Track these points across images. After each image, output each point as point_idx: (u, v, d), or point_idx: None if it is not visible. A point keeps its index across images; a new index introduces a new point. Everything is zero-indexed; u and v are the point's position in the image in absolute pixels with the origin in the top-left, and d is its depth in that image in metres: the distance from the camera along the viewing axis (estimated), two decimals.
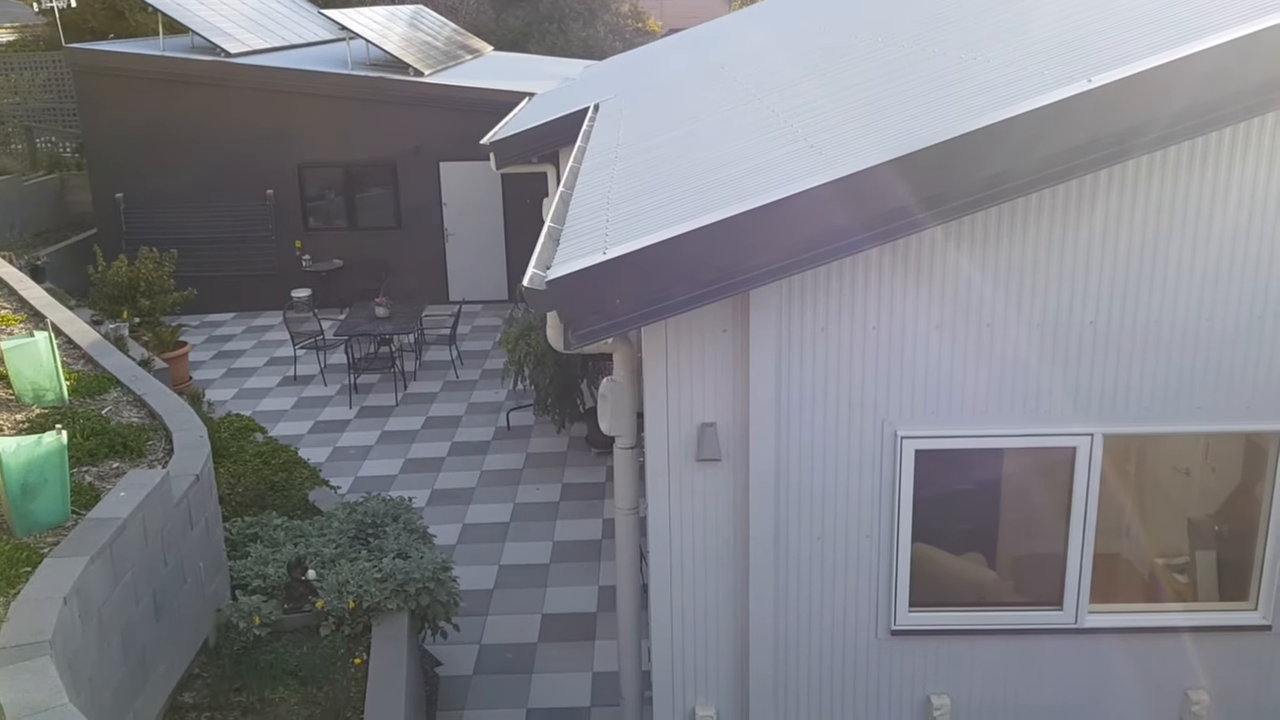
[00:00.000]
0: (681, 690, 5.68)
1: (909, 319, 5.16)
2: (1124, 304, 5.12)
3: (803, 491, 5.40)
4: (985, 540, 5.70)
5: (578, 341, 4.81)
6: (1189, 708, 5.60)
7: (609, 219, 5.49)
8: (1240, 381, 5.21)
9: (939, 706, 5.60)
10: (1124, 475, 5.63)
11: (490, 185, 17.95)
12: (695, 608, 5.56)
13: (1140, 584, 5.73)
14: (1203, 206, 5.00)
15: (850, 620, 5.57)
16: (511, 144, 11.94)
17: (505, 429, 13.41)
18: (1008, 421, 5.28)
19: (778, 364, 5.21)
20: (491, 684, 8.48)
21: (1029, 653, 5.60)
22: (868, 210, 4.56)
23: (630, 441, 5.69)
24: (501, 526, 10.99)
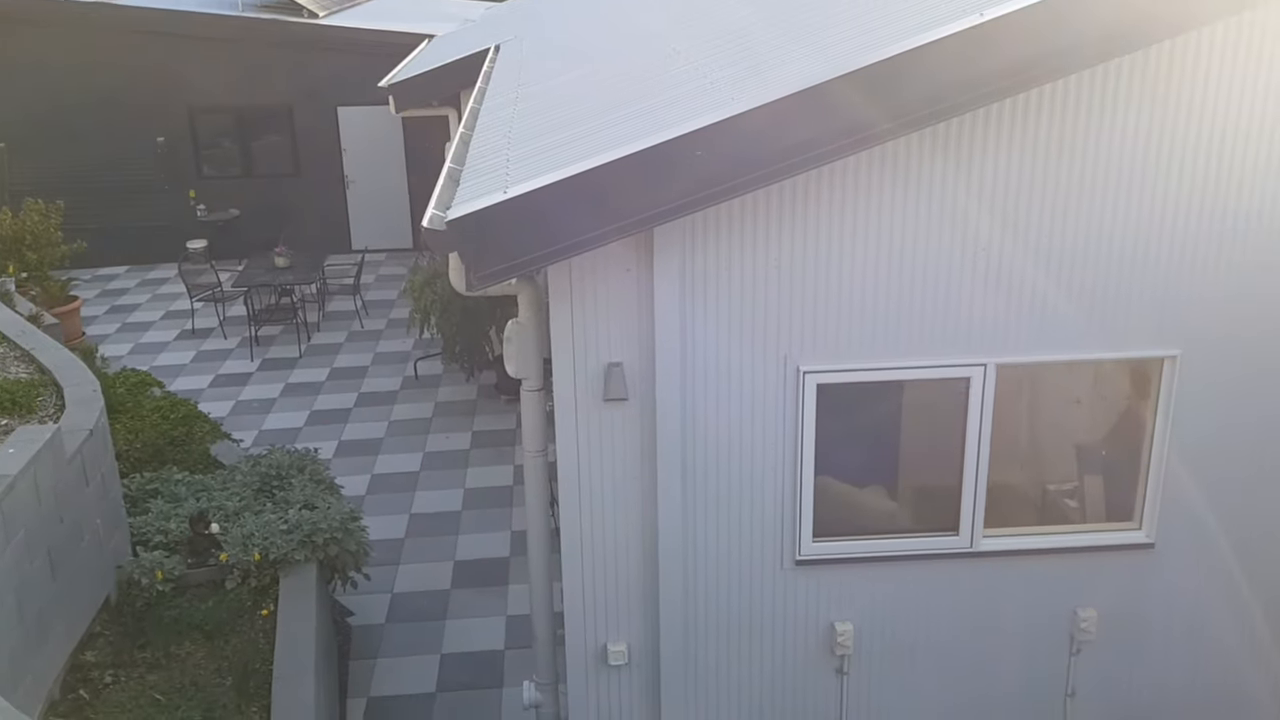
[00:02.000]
0: (593, 628, 5.74)
1: (809, 254, 5.22)
2: (1013, 235, 5.24)
3: (709, 428, 5.46)
4: (886, 471, 5.85)
5: (480, 283, 4.76)
6: (1078, 624, 5.86)
7: (510, 158, 5.41)
8: (1125, 310, 5.40)
9: (843, 633, 5.77)
10: (1018, 406, 5.81)
11: (392, 130, 17.57)
12: (605, 547, 5.61)
13: (1032, 508, 5.94)
14: (1088, 139, 5.13)
15: (756, 552, 5.68)
16: (411, 86, 11.67)
17: (413, 378, 13.27)
18: (905, 354, 5.40)
19: (682, 302, 5.23)
20: (405, 631, 8.48)
21: (927, 577, 5.79)
22: (767, 146, 4.58)
23: (537, 384, 5.67)
24: (411, 476, 10.92)
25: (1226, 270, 5.37)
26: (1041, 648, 5.95)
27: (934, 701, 6.00)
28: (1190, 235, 5.31)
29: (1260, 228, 5.32)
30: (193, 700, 6.33)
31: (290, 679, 6.40)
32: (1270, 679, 6.11)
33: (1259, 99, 5.15)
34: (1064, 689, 6.04)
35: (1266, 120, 5.18)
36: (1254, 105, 5.16)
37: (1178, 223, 5.29)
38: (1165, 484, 5.70)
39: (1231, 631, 6.00)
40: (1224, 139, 5.19)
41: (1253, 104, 5.16)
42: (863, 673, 5.93)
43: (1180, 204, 5.26)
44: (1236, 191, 5.26)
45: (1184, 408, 5.58)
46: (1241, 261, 5.36)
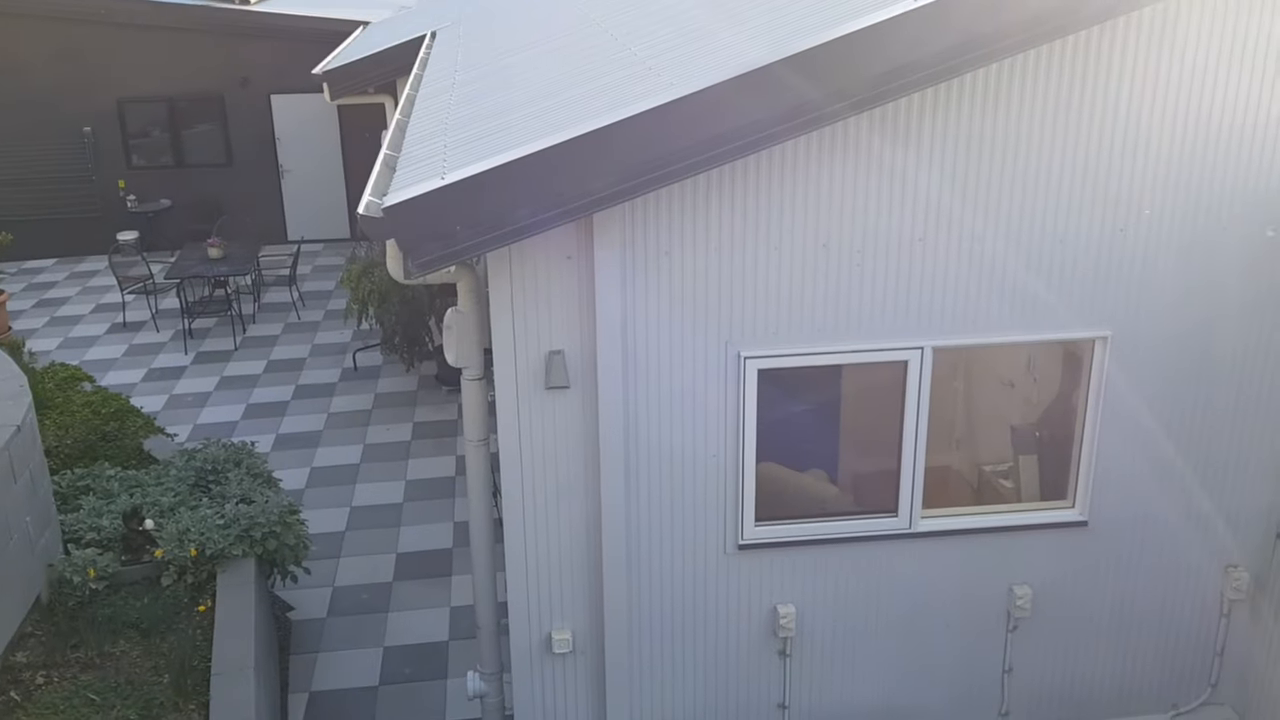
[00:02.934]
0: (537, 616, 5.73)
1: (748, 240, 5.24)
2: (948, 221, 5.32)
3: (651, 415, 5.47)
4: (827, 455, 5.90)
5: (418, 270, 4.71)
6: (1014, 601, 5.98)
7: (447, 144, 5.37)
8: (1057, 292, 5.51)
9: (785, 615, 5.82)
10: (954, 389, 5.90)
11: (327, 119, 17.31)
12: (548, 535, 5.60)
13: (969, 489, 6.05)
14: (1018, 124, 5.22)
15: (699, 537, 5.70)
16: (345, 73, 11.51)
17: (352, 370, 13.11)
18: (844, 338, 5.45)
19: (623, 289, 5.22)
20: (347, 625, 8.38)
21: (867, 559, 5.86)
22: (705, 130, 4.58)
23: (478, 373, 5.63)
24: (352, 468, 10.79)
25: (1155, 253, 5.50)
26: (979, 625, 6.06)
27: (875, 680, 6.09)
28: (1119, 220, 5.42)
29: (1184, 211, 5.45)
30: (129, 699, 6.20)
31: (229, 675, 6.30)
32: (1198, 656, 6.28)
33: (1182, 85, 5.26)
34: (1001, 665, 6.16)
35: (1189, 106, 5.30)
36: (1176, 92, 5.27)
37: (1107, 208, 5.40)
38: (1097, 463, 5.82)
39: (1160, 608, 6.16)
40: (1148, 127, 5.30)
41: (1175, 90, 5.27)
42: (805, 654, 5.99)
43: (1109, 190, 5.37)
44: (1163, 177, 5.38)
45: (1114, 387, 5.70)
46: (1169, 244, 5.49)
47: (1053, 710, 6.27)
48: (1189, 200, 5.44)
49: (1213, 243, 5.52)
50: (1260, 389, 5.82)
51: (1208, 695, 6.37)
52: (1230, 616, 6.21)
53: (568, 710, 5.91)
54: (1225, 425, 5.86)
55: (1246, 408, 5.84)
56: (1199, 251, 5.53)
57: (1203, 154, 5.37)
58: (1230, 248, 5.54)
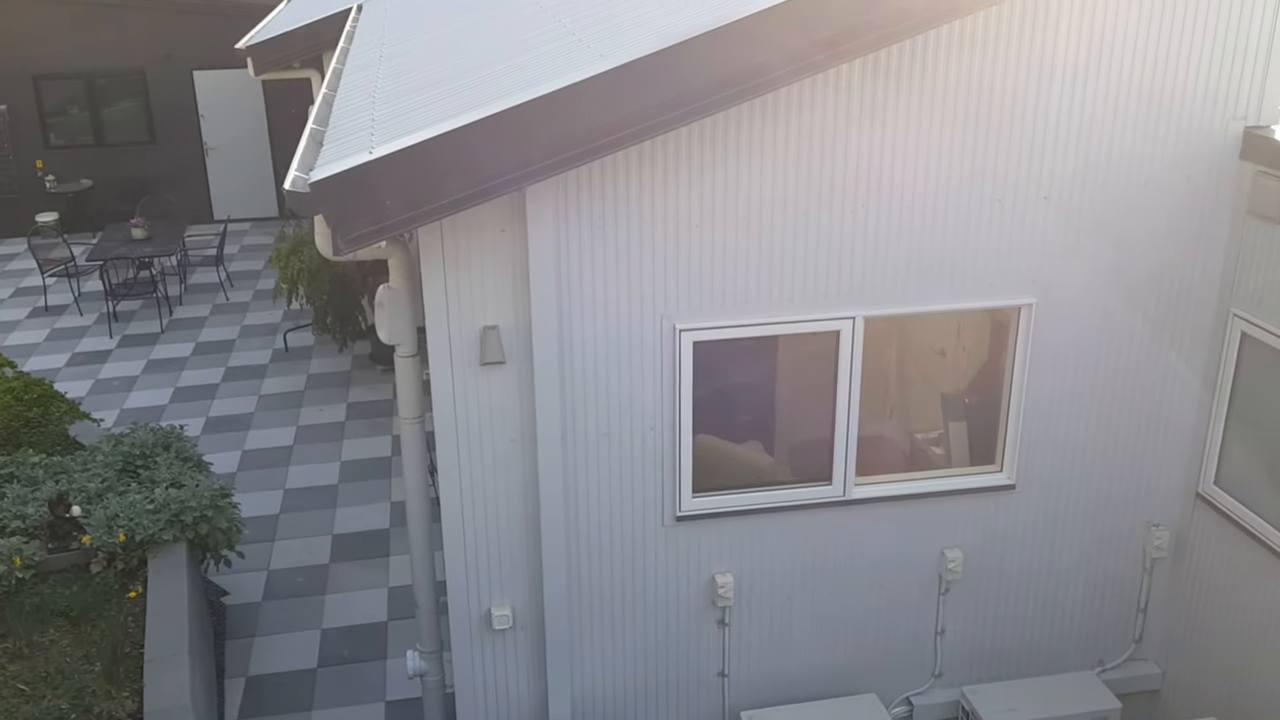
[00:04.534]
0: (476, 592, 5.72)
1: (682, 213, 5.25)
2: (878, 191, 5.38)
3: (588, 389, 5.47)
4: (763, 426, 5.95)
5: (347, 246, 4.64)
6: (946, 565, 6.10)
7: (375, 118, 5.29)
8: (984, 261, 5.60)
9: (723, 585, 5.88)
10: (887, 359, 5.99)
11: (252, 95, 16.97)
12: (486, 511, 5.58)
13: (902, 457, 6.15)
14: (946, 94, 5.28)
15: (637, 509, 5.73)
16: (270, 47, 11.27)
17: (283, 351, 12.92)
18: (777, 309, 5.49)
19: (558, 263, 5.20)
20: (283, 608, 8.30)
21: (803, 526, 5.94)
22: (638, 103, 4.57)
23: (411, 349, 5.58)
24: (285, 450, 10.65)
25: (1078, 221, 5.62)
26: (913, 589, 6.18)
27: (813, 645, 6.18)
28: (1042, 188, 5.52)
29: (1106, 180, 5.57)
30: (59, 689, 6.08)
31: (163, 661, 6.21)
32: (1123, 613, 6.48)
33: (1104, 50, 5.37)
34: (934, 627, 6.29)
35: (1108, 75, 5.41)
36: (1097, 59, 5.38)
37: (1031, 177, 5.50)
38: (1024, 427, 5.96)
39: (1086, 567, 6.34)
40: (1068, 96, 5.40)
41: (1097, 58, 5.37)
42: (744, 622, 6.06)
43: (1033, 160, 5.47)
44: (1084, 146, 5.49)
45: (1039, 354, 5.83)
46: (1091, 213, 5.61)
47: (984, 669, 6.43)
48: (1109, 171, 5.56)
49: (1131, 209, 5.65)
50: (1180, 352, 5.98)
51: (1132, 651, 6.57)
52: (1152, 574, 6.41)
53: (509, 685, 5.92)
54: (1146, 389, 6.02)
55: (1167, 371, 6.01)
56: (1118, 218, 5.66)
57: (1115, 120, 5.48)
58: (1149, 214, 5.68)
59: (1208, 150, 5.61)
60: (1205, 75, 5.48)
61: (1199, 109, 5.54)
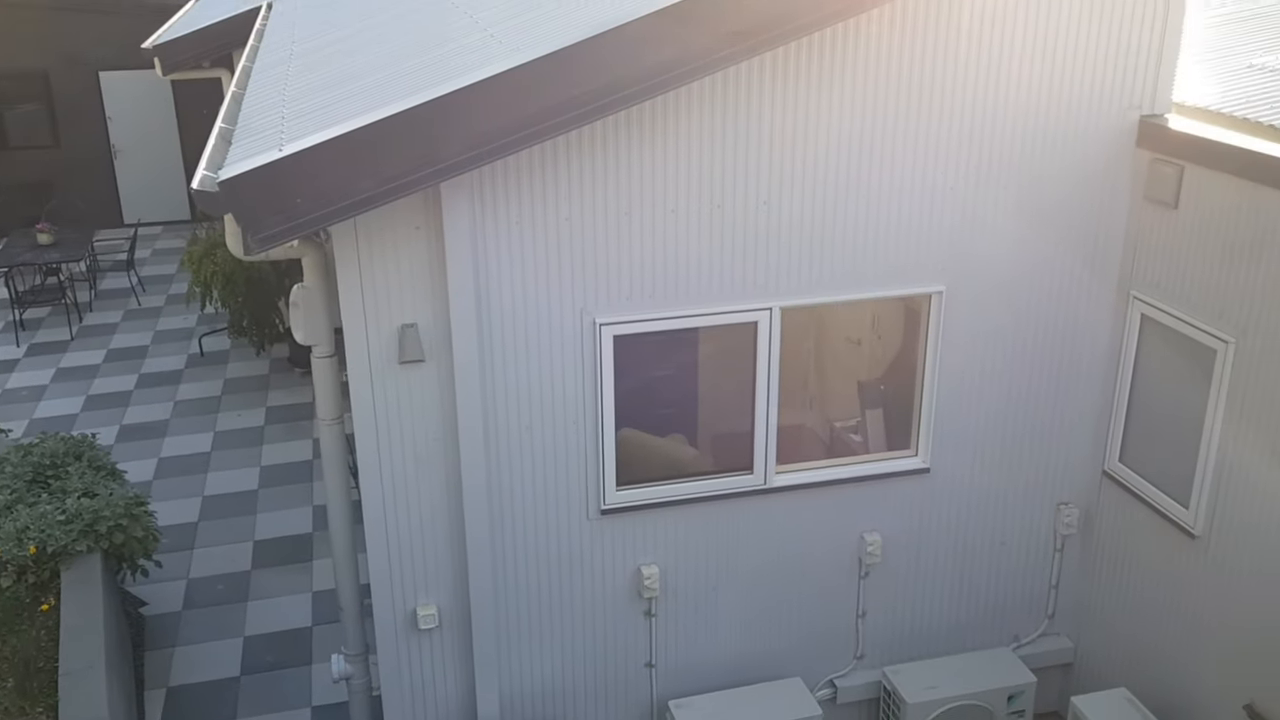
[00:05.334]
0: (401, 593, 5.68)
1: (599, 208, 5.28)
2: (790, 183, 5.46)
3: (509, 385, 5.47)
4: (684, 418, 6.01)
5: (258, 246, 4.58)
6: (865, 548, 6.22)
7: (285, 116, 5.22)
8: (895, 250, 5.72)
9: (649, 576, 5.92)
10: (804, 349, 6.08)
11: (161, 96, 16.57)
12: (408, 511, 5.55)
13: (822, 446, 6.25)
14: (853, 87, 5.38)
15: (562, 504, 5.74)
16: (178, 47, 11.04)
17: (199, 356, 12.66)
18: (695, 302, 5.55)
19: (475, 259, 5.19)
20: (204, 617, 8.15)
21: (726, 516, 6.01)
22: (551, 98, 4.58)
23: (328, 350, 5.53)
24: (202, 457, 10.45)
25: (983, 209, 5.76)
26: (834, 573, 6.29)
27: (737, 631, 6.26)
28: (947, 179, 5.66)
29: (1009, 169, 5.73)
30: None
31: (78, 675, 6.05)
32: (1036, 590, 6.67)
33: (1006, 41, 5.52)
34: (856, 610, 6.41)
35: (1009, 66, 5.56)
36: (999, 50, 5.53)
37: (937, 167, 5.63)
38: (937, 413, 6.10)
39: (999, 546, 6.51)
40: (970, 86, 5.54)
41: (999, 49, 5.52)
42: (670, 612, 6.11)
43: (939, 150, 5.60)
44: (987, 136, 5.64)
45: (949, 340, 5.98)
46: (995, 201, 5.77)
47: (905, 649, 6.57)
48: (1011, 156, 5.71)
49: (1034, 197, 5.82)
50: (1084, 335, 6.18)
51: (1045, 626, 6.77)
52: (1063, 551, 6.61)
53: (436, 685, 5.89)
54: (1054, 372, 6.21)
55: (1073, 354, 6.20)
56: (1022, 207, 5.82)
57: (1017, 110, 5.64)
58: (1051, 202, 5.85)
59: (1106, 139, 5.80)
60: (1103, 66, 5.67)
61: (1098, 99, 5.72)
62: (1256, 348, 5.28)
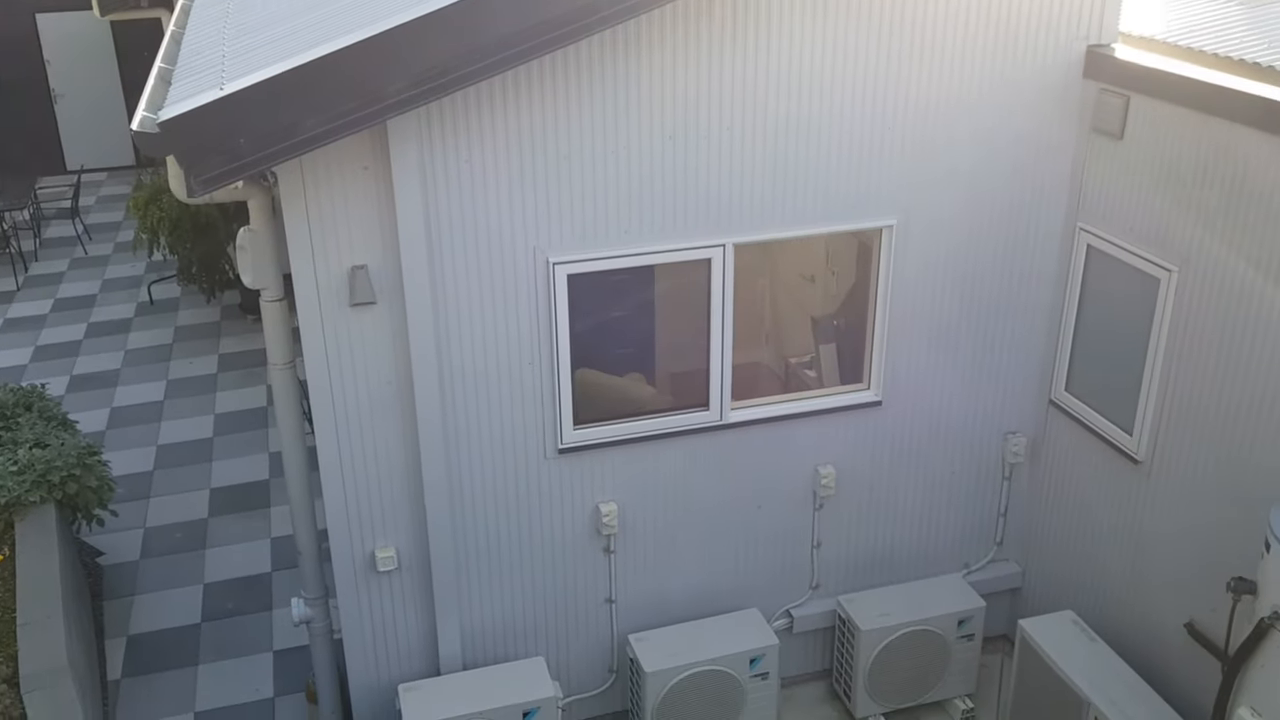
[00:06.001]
0: (359, 536, 5.70)
1: (549, 145, 5.23)
2: (740, 118, 5.43)
3: (463, 326, 5.45)
4: (641, 356, 6.03)
5: (201, 188, 4.50)
6: (820, 481, 6.31)
7: (225, 54, 5.11)
8: (845, 184, 5.73)
9: (607, 513, 5.98)
10: (759, 286, 6.11)
11: (101, 38, 16.10)
12: (364, 454, 5.54)
13: (777, 381, 6.31)
14: (802, 19, 5.34)
15: (519, 444, 5.76)
16: None
17: (149, 304, 12.48)
18: (648, 239, 5.54)
19: (424, 198, 5.14)
20: (161, 565, 8.13)
21: (683, 452, 6.06)
22: (499, 30, 4.51)
23: (277, 293, 5.47)
24: (155, 405, 10.34)
25: (933, 142, 5.78)
26: (789, 506, 6.39)
27: (696, 565, 6.35)
28: (899, 111, 5.66)
29: (959, 101, 5.74)
30: None
31: (37, 624, 6.03)
32: (985, 517, 6.82)
33: None
34: (811, 541, 6.52)
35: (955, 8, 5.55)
36: None
37: (887, 100, 5.62)
38: (889, 346, 6.16)
39: (950, 475, 6.63)
40: (920, 19, 5.52)
41: None
42: (629, 548, 6.18)
43: (889, 82, 5.59)
44: (937, 69, 5.64)
45: (901, 274, 6.02)
46: (945, 134, 5.79)
47: (858, 578, 6.71)
48: (960, 88, 5.72)
49: (983, 129, 5.84)
50: (1032, 267, 6.25)
51: (994, 553, 6.93)
52: (1011, 479, 6.75)
53: (397, 626, 5.94)
54: (1003, 304, 6.29)
55: (1022, 286, 6.28)
56: (971, 139, 5.84)
57: (966, 42, 5.64)
58: (1000, 134, 5.88)
59: (1054, 70, 5.82)
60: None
61: (1045, 30, 5.73)
62: (1198, 275, 5.37)
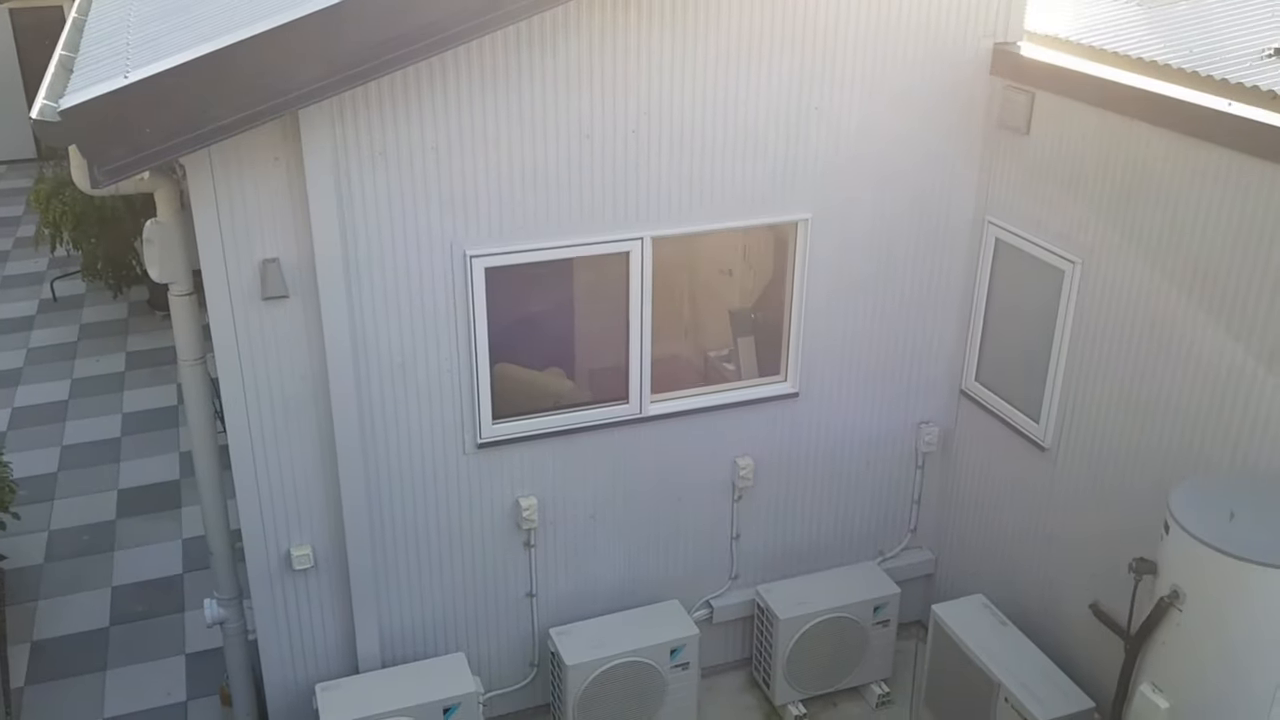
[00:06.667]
0: (274, 534, 5.59)
1: (465, 138, 5.19)
2: (656, 112, 5.46)
3: (379, 320, 5.38)
4: (562, 353, 6.02)
5: (105, 179, 4.38)
6: (738, 473, 6.38)
7: (130, 42, 4.98)
8: (761, 179, 5.80)
9: (527, 507, 5.96)
10: (678, 280, 6.14)
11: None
12: (278, 452, 5.44)
13: (697, 375, 6.35)
14: (718, 13, 5.39)
15: (438, 439, 5.71)
16: None
17: (52, 300, 12.09)
18: (567, 233, 5.53)
19: (338, 190, 5.06)
20: (68, 569, 7.89)
21: (603, 445, 6.06)
22: (413, 19, 4.46)
23: (186, 288, 5.34)
24: (59, 405, 10.02)
25: (846, 138, 5.87)
26: (708, 498, 6.44)
27: (617, 559, 6.37)
28: (813, 100, 5.74)
29: (870, 99, 5.84)
30: None
31: None
32: (899, 506, 6.95)
33: None
34: (730, 533, 6.59)
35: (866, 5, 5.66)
36: None
37: (802, 96, 5.70)
38: (804, 338, 6.25)
39: (865, 465, 6.75)
40: (834, 14, 5.60)
41: None
42: (549, 543, 6.17)
43: (803, 78, 5.67)
44: (849, 66, 5.73)
45: (816, 267, 6.11)
46: (857, 131, 5.88)
47: (777, 568, 6.79)
48: (872, 85, 5.82)
49: (895, 125, 5.95)
50: (943, 260, 6.39)
51: (908, 540, 7.08)
52: (924, 468, 6.90)
53: (314, 625, 5.85)
54: (915, 296, 6.41)
55: (932, 278, 6.41)
56: (883, 135, 5.95)
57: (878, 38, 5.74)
58: (911, 129, 6.00)
59: (962, 67, 5.96)
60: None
61: (955, 26, 5.86)
62: (1100, 268, 5.55)
